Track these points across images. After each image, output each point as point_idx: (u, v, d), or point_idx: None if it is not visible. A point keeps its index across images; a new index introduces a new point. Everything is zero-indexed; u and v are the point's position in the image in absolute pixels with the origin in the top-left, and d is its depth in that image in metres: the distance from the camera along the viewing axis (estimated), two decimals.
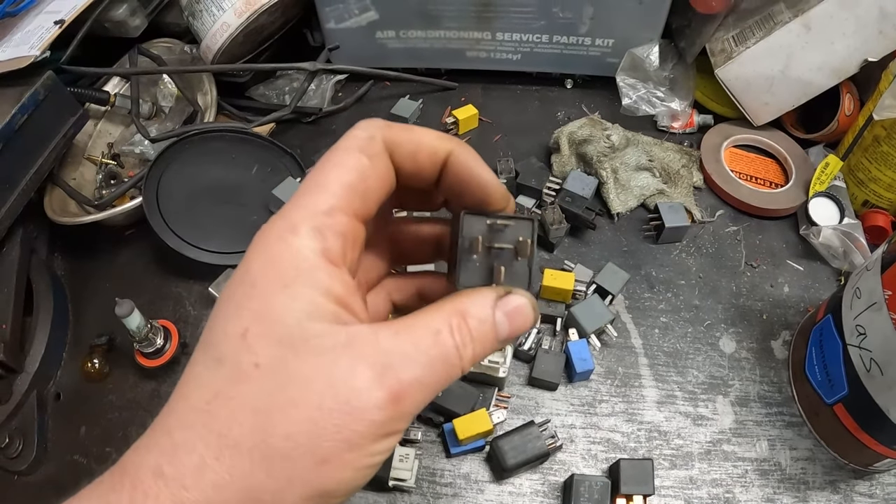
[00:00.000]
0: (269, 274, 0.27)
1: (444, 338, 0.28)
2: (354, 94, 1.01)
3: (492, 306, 0.30)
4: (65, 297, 0.85)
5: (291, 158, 0.86)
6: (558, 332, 0.74)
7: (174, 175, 0.82)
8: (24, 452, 0.72)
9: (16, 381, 0.75)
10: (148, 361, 0.73)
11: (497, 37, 0.94)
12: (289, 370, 0.26)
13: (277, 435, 0.25)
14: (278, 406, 0.26)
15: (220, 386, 0.26)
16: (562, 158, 0.86)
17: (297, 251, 0.27)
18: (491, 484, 0.65)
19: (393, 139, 0.31)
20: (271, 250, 0.28)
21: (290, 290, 0.27)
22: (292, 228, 0.28)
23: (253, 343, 0.26)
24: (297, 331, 0.26)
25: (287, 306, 0.27)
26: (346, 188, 0.29)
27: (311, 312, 0.27)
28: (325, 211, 0.28)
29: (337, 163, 0.29)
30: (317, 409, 0.25)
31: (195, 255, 0.80)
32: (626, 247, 0.82)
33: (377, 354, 0.27)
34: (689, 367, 0.73)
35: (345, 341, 0.27)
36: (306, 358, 0.26)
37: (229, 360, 0.26)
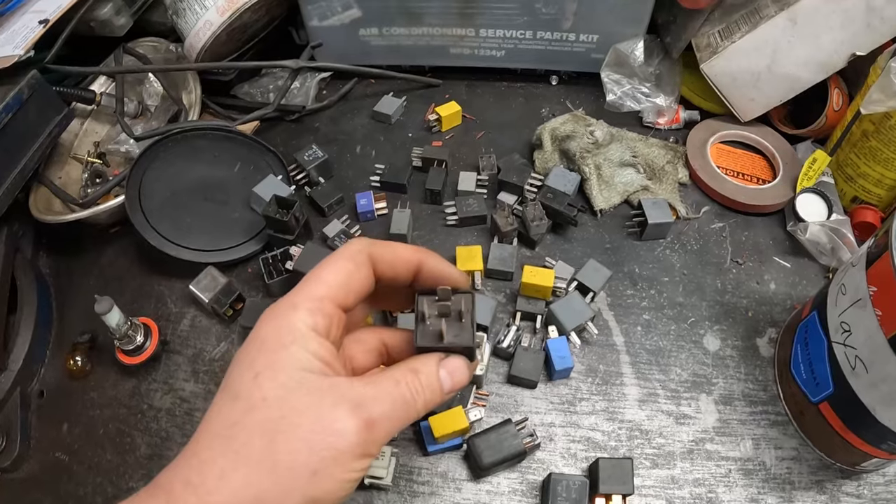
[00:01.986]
0: (274, 336, 0.38)
1: (402, 386, 0.39)
2: (338, 92, 1.01)
3: (436, 365, 0.42)
4: (49, 295, 0.85)
5: (274, 156, 0.86)
6: (538, 329, 0.73)
7: (157, 173, 0.82)
8: (7, 449, 0.72)
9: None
10: (128, 359, 0.73)
11: (480, 33, 0.94)
12: (289, 404, 0.36)
13: (281, 452, 0.35)
14: (281, 430, 0.35)
15: (236, 416, 0.36)
16: (544, 155, 0.86)
17: (295, 323, 0.38)
18: (468, 482, 0.65)
19: (376, 253, 0.42)
20: (278, 320, 0.38)
21: (290, 349, 0.37)
22: (293, 306, 0.39)
23: (262, 383, 0.36)
24: (294, 376, 0.37)
25: (287, 359, 0.37)
26: (335, 284, 0.40)
27: (304, 366, 0.37)
28: (318, 298, 0.39)
29: (332, 265, 0.41)
30: (310, 432, 0.35)
31: (176, 253, 0.79)
32: (609, 244, 0.82)
33: (352, 396, 0.37)
34: (672, 365, 0.72)
35: (328, 386, 0.37)
36: (301, 396, 0.36)
37: (243, 396, 0.36)
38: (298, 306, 0.39)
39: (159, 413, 0.73)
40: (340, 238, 0.77)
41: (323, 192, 0.86)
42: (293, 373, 0.37)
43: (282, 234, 0.78)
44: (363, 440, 0.36)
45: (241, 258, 0.82)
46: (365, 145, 0.95)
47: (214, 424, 0.36)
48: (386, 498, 0.64)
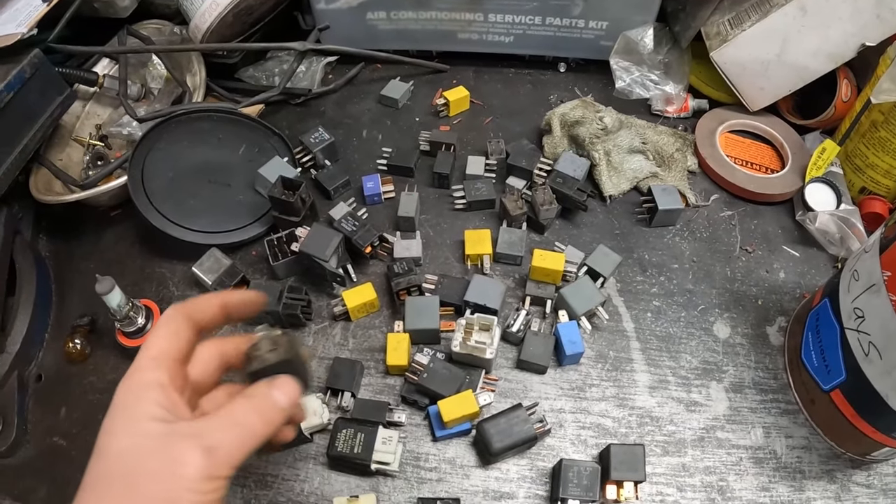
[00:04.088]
0: (124, 396, 0.43)
1: (238, 412, 0.44)
2: (345, 76, 1.00)
3: (267, 386, 0.46)
4: (48, 278, 0.84)
5: (279, 139, 0.85)
6: (548, 314, 0.73)
7: (160, 155, 0.81)
8: (3, 434, 0.71)
9: None
10: (128, 341, 0.72)
11: (489, 18, 0.93)
12: (138, 452, 0.40)
13: (138, 492, 0.38)
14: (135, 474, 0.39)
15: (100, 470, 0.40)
16: (553, 140, 0.85)
17: (141, 381, 0.43)
18: (477, 469, 0.64)
19: (187, 310, 0.47)
20: (127, 382, 0.43)
21: (136, 405, 0.42)
22: (138, 368, 0.44)
23: (115, 439, 0.41)
24: (141, 428, 0.41)
25: (134, 414, 0.41)
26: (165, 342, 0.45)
27: (150, 416, 0.41)
28: (154, 356, 0.44)
29: (156, 331, 0.45)
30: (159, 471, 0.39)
31: (179, 235, 0.78)
32: (619, 230, 0.81)
33: (192, 432, 0.41)
34: (683, 351, 0.71)
35: (171, 431, 0.41)
36: (147, 443, 0.40)
37: (103, 453, 0.40)
38: (142, 367, 0.44)
39: None
40: (347, 220, 0.76)
41: (329, 174, 0.85)
42: (140, 425, 0.41)
43: (287, 215, 0.77)
44: (206, 465, 0.40)
45: (245, 240, 0.81)
46: (371, 129, 0.95)
47: (86, 480, 0.40)
48: (393, 484, 0.63)
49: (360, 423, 0.64)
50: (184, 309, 0.48)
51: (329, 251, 0.72)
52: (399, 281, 0.72)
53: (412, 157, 0.86)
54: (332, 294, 0.77)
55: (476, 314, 0.68)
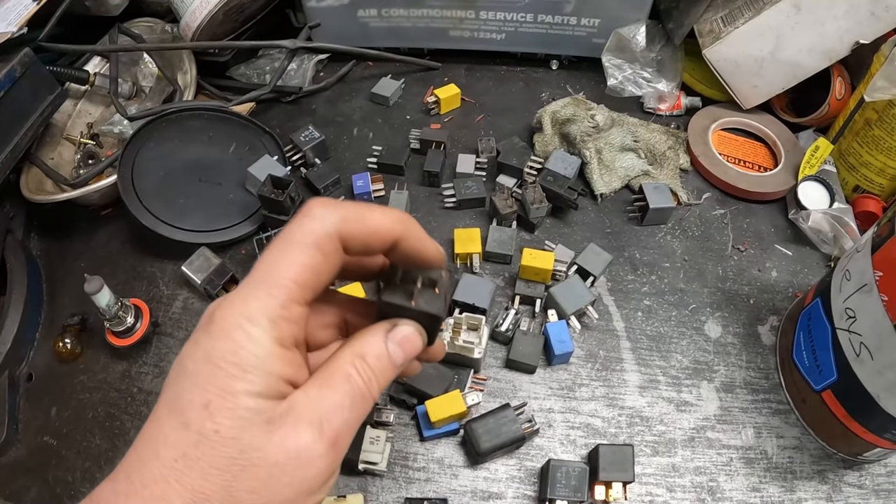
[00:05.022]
0: (231, 359, 0.31)
1: (355, 379, 0.34)
2: (336, 74, 1.00)
3: (383, 340, 0.35)
4: (39, 277, 0.83)
5: (270, 137, 0.85)
6: (537, 313, 0.72)
7: (150, 153, 0.81)
8: None
9: None
10: (118, 340, 0.72)
11: (481, 16, 0.93)
12: (246, 438, 0.31)
13: (242, 489, 0.30)
14: (240, 466, 0.30)
15: (186, 448, 0.30)
16: (544, 138, 0.85)
17: (256, 340, 0.31)
18: (465, 469, 0.64)
19: (349, 233, 0.34)
20: (234, 335, 0.31)
21: (249, 376, 0.31)
22: (250, 318, 0.32)
23: (214, 413, 0.30)
24: (250, 405, 0.31)
25: (245, 388, 0.31)
26: (301, 284, 0.33)
27: (262, 391, 0.31)
28: (281, 304, 0.32)
29: (294, 258, 0.32)
30: (274, 465, 0.31)
31: (169, 234, 0.78)
32: (610, 228, 0.81)
33: (313, 413, 0.32)
34: (674, 351, 0.71)
35: (287, 410, 0.32)
36: (258, 427, 0.31)
37: (194, 427, 0.31)
38: (257, 318, 0.32)
39: (149, 396, 0.71)
40: None
41: (319, 173, 0.85)
42: (249, 401, 0.31)
43: (277, 214, 0.77)
44: (331, 460, 0.32)
45: (235, 239, 0.81)
46: (362, 127, 0.94)
47: (163, 452, 0.31)
48: (381, 484, 0.63)
49: None
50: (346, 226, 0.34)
51: None
52: None
53: (402, 156, 0.86)
54: None
55: (464, 313, 0.68)
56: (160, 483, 0.30)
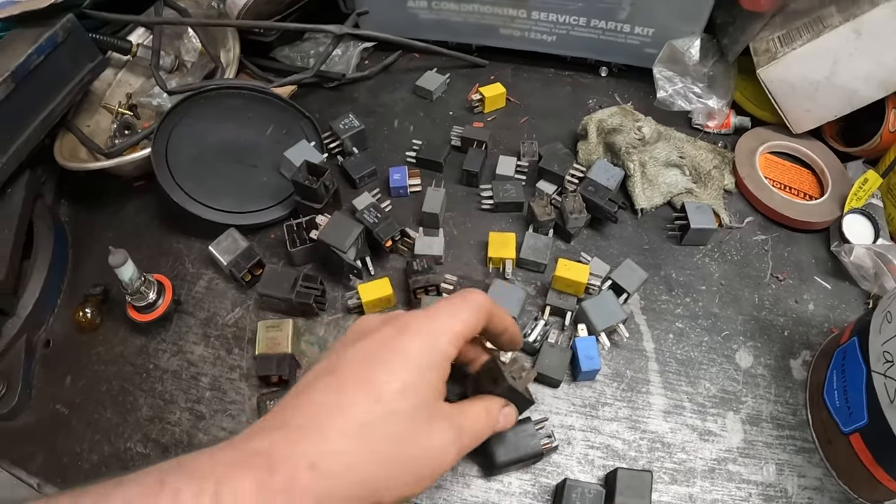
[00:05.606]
0: (426, 356, 0.43)
1: (481, 421, 0.48)
2: (381, 63, 0.99)
3: (500, 409, 0.51)
4: (65, 244, 0.83)
5: (308, 122, 0.84)
6: (567, 326, 0.71)
7: (187, 129, 0.80)
8: (6, 397, 0.71)
9: (6, 324, 0.74)
10: (139, 315, 0.71)
11: (532, 15, 0.91)
12: (419, 420, 0.42)
13: (403, 456, 0.41)
14: (407, 439, 0.41)
15: (375, 418, 0.40)
16: (588, 146, 0.83)
17: (442, 351, 0.44)
18: (479, 479, 0.63)
19: (492, 311, 0.49)
20: (428, 340, 0.44)
21: (432, 372, 0.43)
22: (441, 333, 0.44)
23: (407, 397, 0.41)
24: (429, 396, 0.43)
25: (429, 381, 0.43)
26: (470, 326, 0.46)
27: (435, 388, 0.43)
28: (458, 333, 0.45)
29: (468, 309, 0.47)
30: (427, 446, 0.42)
31: (199, 212, 0.77)
32: (648, 245, 0.79)
33: (457, 423, 0.45)
34: (702, 377, 0.69)
35: (443, 411, 0.44)
36: (427, 417, 0.42)
37: (388, 404, 0.41)
38: (444, 333, 0.44)
39: (165, 374, 0.71)
40: (370, 211, 0.75)
41: (356, 162, 0.84)
42: (428, 393, 0.43)
43: (310, 201, 0.75)
44: (454, 461, 0.44)
45: (265, 223, 0.80)
46: (403, 119, 0.93)
47: (348, 413, 0.40)
48: None
49: None
50: (491, 308, 0.49)
51: (348, 242, 0.71)
52: (417, 279, 0.71)
53: (442, 152, 0.85)
54: (347, 286, 0.76)
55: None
56: (341, 439, 0.39)
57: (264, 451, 0.38)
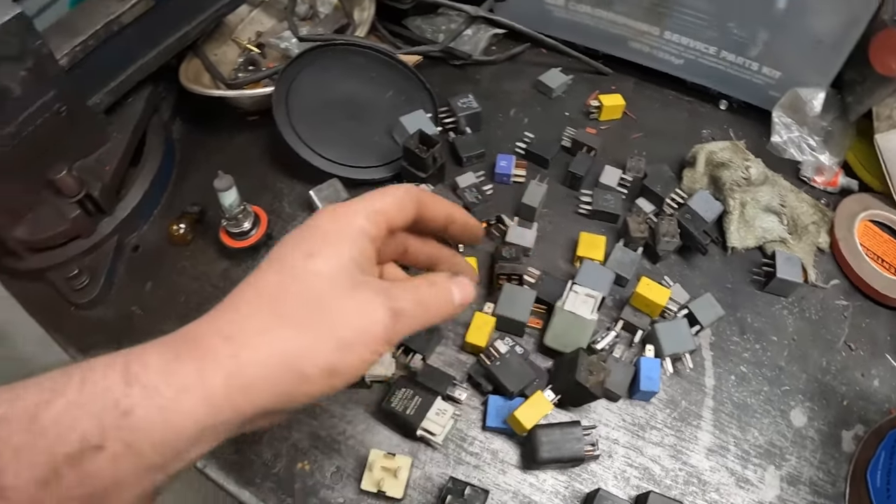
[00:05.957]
0: (334, 229, 0.43)
1: (422, 290, 0.45)
2: (507, 52, 1.00)
3: (449, 280, 0.48)
4: (172, 161, 0.87)
5: (428, 94, 0.86)
6: (635, 343, 0.71)
7: (310, 77, 0.83)
8: (88, 287, 0.75)
9: (103, 221, 0.79)
10: (231, 241, 0.74)
11: (665, 35, 0.92)
12: (337, 285, 0.41)
13: (323, 322, 0.39)
14: (326, 304, 0.40)
15: (286, 285, 0.40)
16: (694, 175, 0.83)
17: (354, 224, 0.43)
18: (516, 469, 0.64)
19: (422, 197, 0.49)
20: (339, 217, 0.44)
21: (346, 243, 0.42)
22: (355, 212, 0.44)
23: (316, 262, 0.41)
24: (345, 265, 0.41)
25: (342, 249, 0.42)
26: (391, 205, 0.46)
27: (354, 259, 0.42)
28: (376, 210, 0.44)
29: (389, 192, 0.46)
30: (350, 311, 0.40)
31: (308, 157, 0.80)
32: (731, 284, 0.79)
33: (384, 291, 0.42)
34: (753, 426, 0.69)
35: (367, 281, 0.42)
36: (346, 282, 0.41)
37: (297, 270, 0.41)
38: (359, 212, 0.44)
39: None
40: (471, 191, 0.77)
41: (466, 141, 0.85)
42: (344, 263, 0.41)
43: (416, 169, 0.78)
44: (390, 328, 0.41)
45: (367, 180, 0.82)
46: (520, 111, 0.94)
47: (260, 287, 0.40)
48: (431, 456, 0.64)
49: (421, 388, 0.65)
50: (419, 194, 0.49)
51: None
52: (503, 265, 0.72)
53: (552, 150, 0.86)
54: None
55: (582, 288, 0.68)
56: (251, 308, 0.39)
57: (181, 332, 0.39)
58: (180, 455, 0.36)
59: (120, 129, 0.80)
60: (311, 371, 0.38)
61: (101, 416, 0.34)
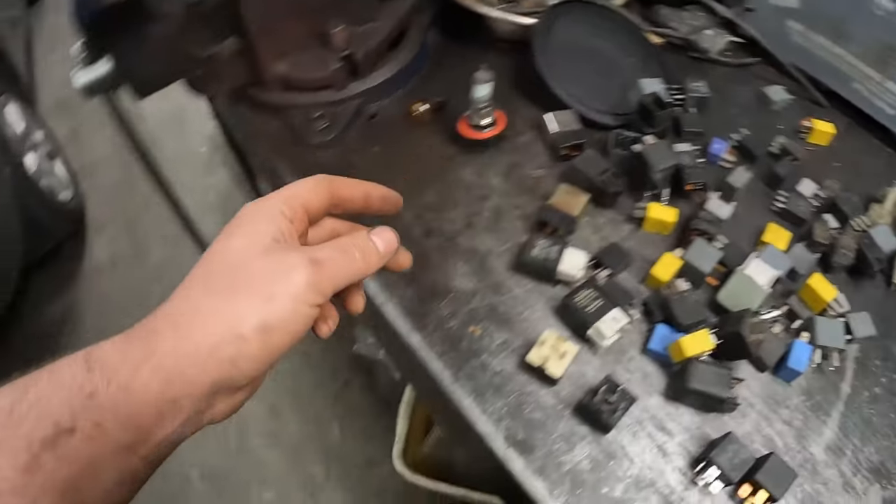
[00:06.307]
0: (250, 214, 0.47)
1: (340, 242, 0.49)
2: (740, 59, 1.07)
3: (366, 232, 0.51)
4: (425, 57, 0.99)
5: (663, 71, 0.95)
6: (792, 328, 0.77)
7: (568, 22, 0.93)
8: (325, 131, 0.87)
9: (354, 83, 0.90)
10: (468, 131, 0.84)
11: (887, 84, 0.95)
12: (252, 252, 0.44)
13: (242, 283, 0.43)
14: (243, 268, 0.44)
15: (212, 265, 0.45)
16: (881, 211, 0.87)
17: (267, 207, 0.47)
18: (660, 396, 0.71)
19: (335, 181, 0.52)
20: (255, 205, 0.48)
21: (260, 222, 0.46)
22: (268, 198, 0.48)
23: (233, 241, 0.45)
24: (260, 238, 0.45)
25: (256, 227, 0.46)
26: (302, 191, 0.49)
27: (270, 233, 0.45)
28: (288, 196, 0.48)
29: (305, 181, 0.50)
30: (268, 269, 0.44)
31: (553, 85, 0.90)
32: (889, 314, 0.82)
33: (303, 249, 0.46)
34: (872, 442, 0.72)
35: (285, 246, 0.46)
36: (262, 249, 0.44)
37: (218, 251, 0.45)
38: (274, 198, 0.48)
39: (459, 182, 0.84)
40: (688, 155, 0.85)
41: (690, 119, 0.92)
42: (260, 236, 0.45)
43: (644, 122, 0.86)
44: (312, 273, 0.44)
45: (598, 123, 0.91)
46: (740, 111, 1.00)
47: (194, 274, 0.45)
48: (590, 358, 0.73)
49: (603, 296, 0.72)
50: (331, 179, 0.53)
51: (662, 165, 0.80)
52: (700, 222, 0.79)
53: (760, 149, 0.92)
54: (639, 198, 0.85)
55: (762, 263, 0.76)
56: (188, 291, 0.44)
57: (133, 327, 0.43)
58: (148, 433, 0.40)
59: (389, 16, 0.91)
60: (245, 331, 0.41)
61: (70, 401, 0.37)
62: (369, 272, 0.50)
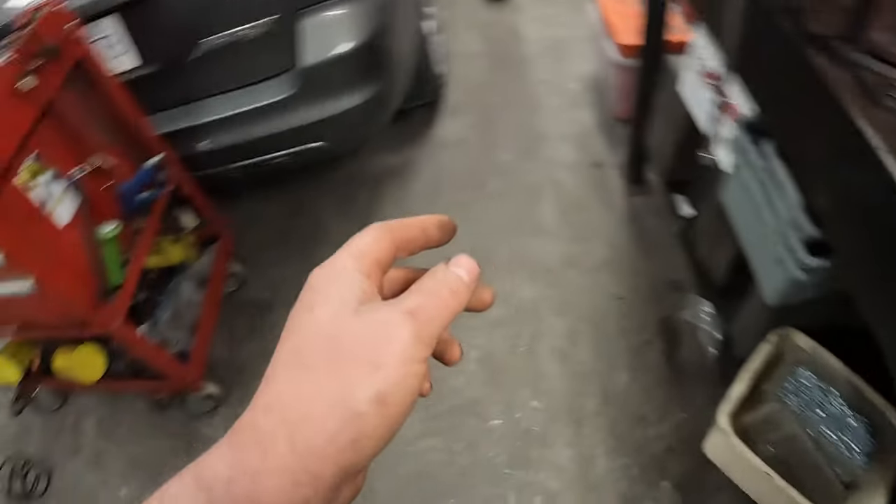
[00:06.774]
0: (324, 280, 0.43)
1: (424, 283, 0.44)
2: None
3: (444, 266, 0.45)
4: None
5: None
6: None
7: None
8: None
9: None
10: None
11: None
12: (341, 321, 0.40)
13: (343, 357, 0.39)
14: (339, 341, 0.40)
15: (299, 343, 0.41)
16: None
17: (341, 267, 0.43)
18: None
19: (393, 226, 0.47)
20: (325, 269, 0.43)
21: (337, 284, 0.42)
22: (337, 258, 0.44)
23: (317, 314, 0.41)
24: (345, 302, 0.41)
25: (337, 291, 0.42)
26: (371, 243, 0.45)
27: (351, 294, 0.42)
28: (359, 252, 0.44)
29: (365, 233, 0.45)
30: (364, 335, 0.40)
31: None
32: None
33: (390, 303, 0.42)
34: None
35: (370, 305, 0.42)
36: (350, 314, 0.41)
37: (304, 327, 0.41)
38: (343, 258, 0.44)
39: None
40: None
41: None
42: (345, 301, 0.41)
43: None
44: (413, 329, 0.40)
45: None
46: None
47: (281, 356, 0.41)
48: None
49: None
50: (388, 226, 0.48)
51: None
52: None
53: None
54: None
55: None
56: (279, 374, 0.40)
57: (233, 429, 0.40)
58: None
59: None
60: (360, 406, 0.38)
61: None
62: (461, 308, 0.45)
